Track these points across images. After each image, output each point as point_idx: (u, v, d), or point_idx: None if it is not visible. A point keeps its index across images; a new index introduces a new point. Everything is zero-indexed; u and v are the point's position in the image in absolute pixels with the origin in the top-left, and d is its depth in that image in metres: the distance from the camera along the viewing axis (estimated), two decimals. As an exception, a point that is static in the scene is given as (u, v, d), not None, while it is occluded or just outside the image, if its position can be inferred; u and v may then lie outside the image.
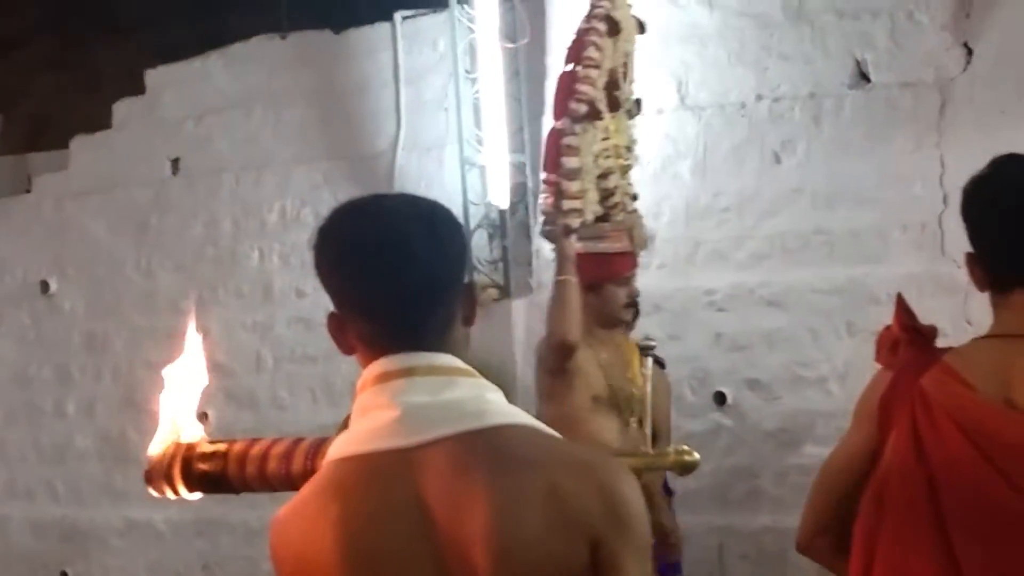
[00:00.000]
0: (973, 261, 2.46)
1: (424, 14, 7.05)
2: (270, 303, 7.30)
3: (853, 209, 5.79)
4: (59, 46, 9.81)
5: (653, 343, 5.46)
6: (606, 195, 4.73)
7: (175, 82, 7.79)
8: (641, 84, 6.28)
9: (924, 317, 4.49)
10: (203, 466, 1.94)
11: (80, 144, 8.08)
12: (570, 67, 4.64)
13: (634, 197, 5.06)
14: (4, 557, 8.00)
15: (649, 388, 5.35)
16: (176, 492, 1.94)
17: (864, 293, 5.61)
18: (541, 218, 4.79)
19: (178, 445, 1.95)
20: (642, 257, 6.14)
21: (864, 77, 5.90)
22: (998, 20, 5.63)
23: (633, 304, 4.84)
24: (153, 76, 7.90)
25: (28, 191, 8.38)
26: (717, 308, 6.08)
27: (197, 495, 1.98)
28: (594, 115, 4.60)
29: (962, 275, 2.65)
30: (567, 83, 4.63)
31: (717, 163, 6.14)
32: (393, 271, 1.81)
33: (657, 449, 4.40)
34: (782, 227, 5.97)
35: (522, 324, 6.47)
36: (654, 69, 6.27)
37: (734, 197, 6.08)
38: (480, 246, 6.64)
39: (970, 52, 5.69)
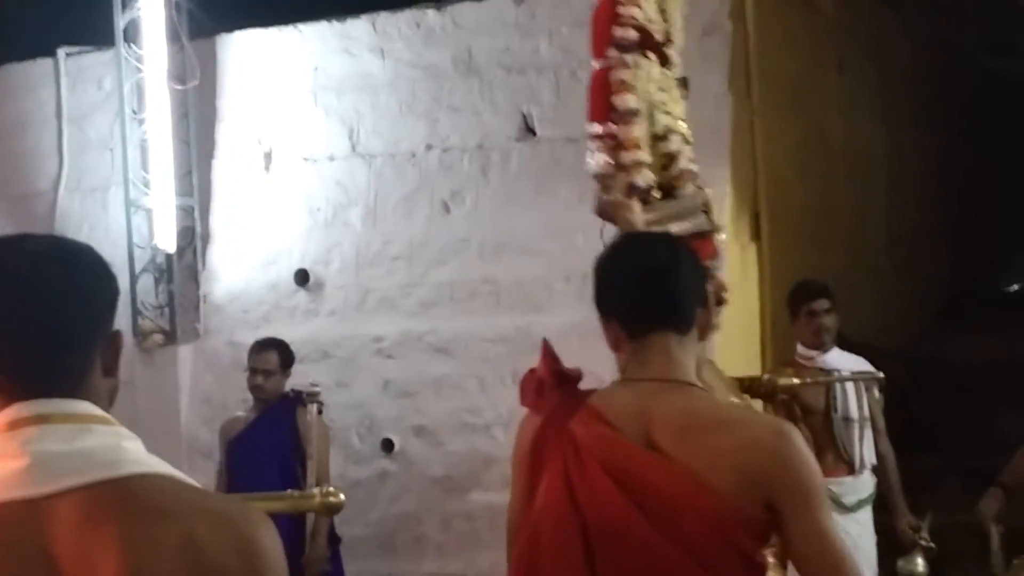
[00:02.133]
0: (607, 322, 2.57)
1: (89, 51, 6.86)
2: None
3: (519, 259, 5.93)
4: None
5: (318, 389, 5.41)
6: (667, 162, 3.63)
7: None
8: (313, 131, 6.31)
9: (585, 365, 4.63)
10: None
11: None
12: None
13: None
14: None
15: (313, 435, 5.29)
16: None
17: (528, 342, 5.73)
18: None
19: None
20: (312, 304, 6.14)
21: (530, 131, 6.07)
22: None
23: (720, 302, 3.51)
24: None
25: None
26: (386, 355, 6.11)
27: None
28: (648, 43, 3.55)
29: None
30: (606, 14, 3.57)
31: (388, 211, 6.19)
32: (16, 315, 1.75)
33: (300, 491, 3.96)
34: (451, 276, 6.06)
35: (188, 370, 6.34)
36: (327, 117, 6.29)
37: (404, 245, 6.14)
38: (146, 290, 6.47)
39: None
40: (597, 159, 3.50)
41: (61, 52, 6.90)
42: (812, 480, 2.34)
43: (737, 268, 5.73)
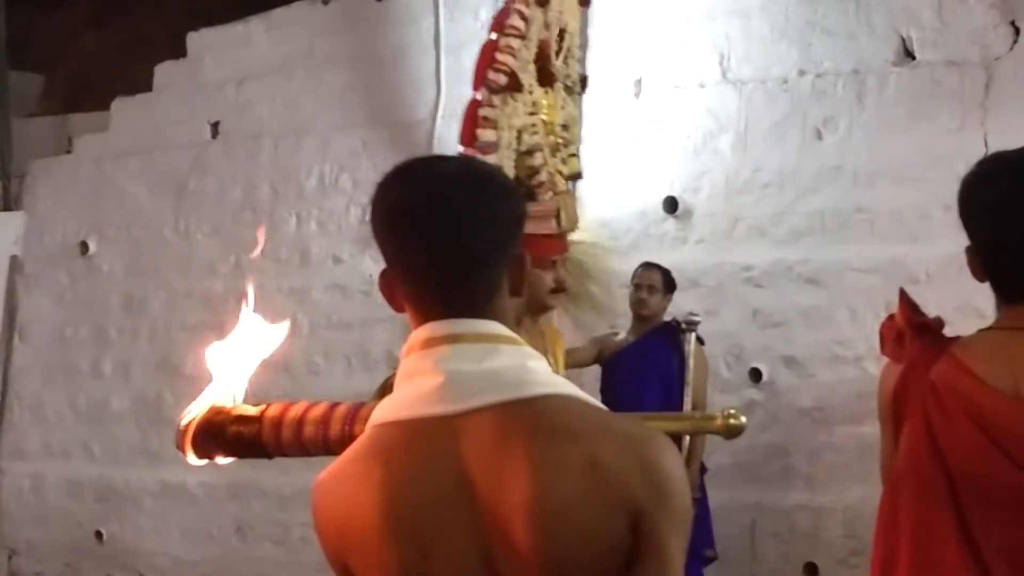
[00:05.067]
0: (974, 257, 2.45)
1: (466, -18, 7.03)
2: (307, 269, 7.31)
3: (894, 188, 5.76)
4: (100, 6, 9.81)
5: (698, 319, 5.49)
6: (531, 173, 4.38)
7: (216, 46, 7.81)
8: (683, 58, 6.26)
9: (965, 296, 4.45)
10: (237, 429, 1.93)
11: (121, 106, 8.12)
12: (492, 36, 4.33)
13: (573, 176, 4.77)
14: (40, 515, 8.09)
15: (692, 363, 5.41)
16: (209, 457, 1.94)
17: (904, 272, 5.58)
18: None
19: (212, 408, 1.95)
20: (680, 232, 6.14)
21: (909, 54, 5.86)
22: (1047, -1, 5.57)
23: (560, 289, 4.48)
24: (194, 39, 7.92)
25: (69, 152, 8.43)
26: (755, 284, 6.06)
27: (230, 459, 1.98)
28: (514, 86, 4.29)
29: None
30: (488, 53, 4.31)
31: (758, 138, 6.11)
32: (434, 234, 1.80)
33: (702, 412, 4.27)
34: (822, 204, 5.94)
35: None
36: (697, 43, 6.24)
37: (774, 173, 6.05)
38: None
39: (1017, 31, 5.63)
40: None
41: (440, -16, 7.09)
42: None
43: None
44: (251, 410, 1.96)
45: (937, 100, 5.72)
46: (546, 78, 4.48)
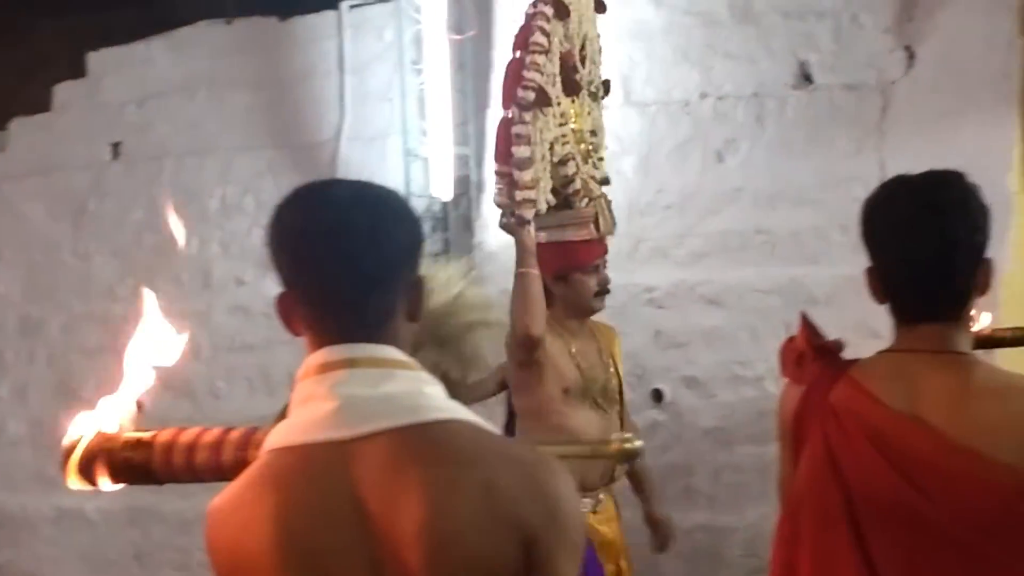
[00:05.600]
0: (874, 278, 2.48)
1: (371, 3, 7.02)
2: (209, 291, 7.24)
3: (794, 209, 5.83)
4: (-1, 26, 9.68)
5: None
6: (566, 182, 4.57)
7: (117, 65, 7.72)
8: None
9: (862, 316, 4.51)
10: (127, 455, 1.91)
11: (20, 126, 7.99)
12: (517, 54, 4.45)
13: (603, 181, 4.92)
14: (-67, 542, 7.91)
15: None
16: (95, 483, 1.91)
17: (803, 293, 5.65)
18: (498, 211, 4.58)
19: (100, 435, 1.92)
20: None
21: (807, 78, 5.94)
22: (940, 24, 5.68)
23: (604, 291, 4.70)
24: (95, 59, 7.83)
25: (-35, 172, 8.28)
26: (657, 305, 6.10)
27: (118, 486, 1.95)
28: (543, 101, 4.40)
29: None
30: (515, 71, 4.43)
31: (661, 160, 6.16)
32: (328, 258, 1.80)
33: (599, 438, 4.37)
34: (723, 225, 5.99)
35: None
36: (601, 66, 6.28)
37: (677, 195, 6.10)
38: (422, 238, 6.61)
39: (912, 55, 5.74)
40: (498, 191, 4.37)
41: (344, 4, 7.07)
42: None
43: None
44: (142, 435, 1.93)
45: (835, 123, 5.81)
46: (571, 88, 4.63)
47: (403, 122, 6.59)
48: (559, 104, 4.52)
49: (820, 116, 5.85)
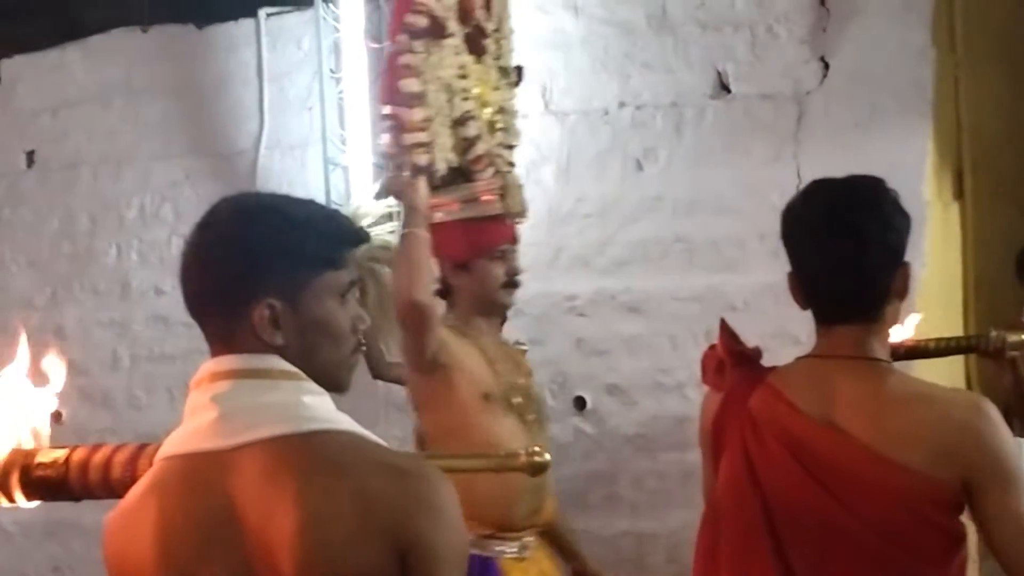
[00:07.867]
0: (795, 282, 2.52)
1: (289, 11, 6.98)
2: (127, 301, 7.17)
3: (712, 217, 5.87)
4: (-91, 33, 9.52)
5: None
6: (466, 146, 3.91)
7: (31, 73, 7.62)
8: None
9: (781, 323, 4.58)
10: (42, 473, 1.90)
11: (-69, 134, 7.86)
12: None
13: (511, 164, 4.35)
14: None
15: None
16: (10, 499, 1.90)
17: (722, 301, 5.69)
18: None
19: (15, 451, 1.91)
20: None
21: (725, 88, 5.99)
22: (853, 35, 5.75)
23: (513, 284, 4.08)
24: (8, 66, 7.72)
25: None
26: (578, 313, 6.12)
27: (34, 503, 1.94)
28: (438, 31, 3.74)
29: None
30: (404, 1, 3.80)
31: (580, 169, 6.18)
32: (200, 273, 1.90)
33: (506, 451, 3.89)
34: (643, 234, 6.03)
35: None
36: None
37: (597, 203, 6.12)
38: (342, 247, 6.58)
39: (826, 66, 5.81)
40: (384, 139, 3.72)
41: (262, 13, 7.03)
42: (1009, 459, 2.28)
43: (939, 227, 5.58)
44: (56, 454, 1.92)
45: (752, 132, 5.86)
46: (475, 44, 4.03)
47: (323, 131, 6.56)
48: (458, 54, 3.91)
49: (737, 125, 5.90)
